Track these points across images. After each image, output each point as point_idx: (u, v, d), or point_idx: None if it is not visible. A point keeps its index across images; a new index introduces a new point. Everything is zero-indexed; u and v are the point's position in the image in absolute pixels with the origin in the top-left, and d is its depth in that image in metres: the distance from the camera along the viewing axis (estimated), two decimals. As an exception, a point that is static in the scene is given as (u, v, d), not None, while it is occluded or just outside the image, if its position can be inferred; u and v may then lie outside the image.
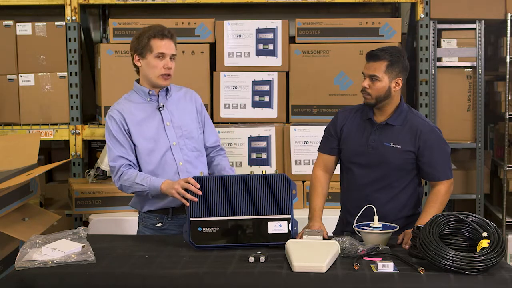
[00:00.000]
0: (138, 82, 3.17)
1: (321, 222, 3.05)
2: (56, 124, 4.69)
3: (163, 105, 3.13)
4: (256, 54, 4.55)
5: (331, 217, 3.30)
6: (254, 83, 4.55)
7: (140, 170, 3.10)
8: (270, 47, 4.54)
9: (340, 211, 3.28)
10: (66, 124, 4.69)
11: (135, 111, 3.11)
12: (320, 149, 3.25)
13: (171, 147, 3.11)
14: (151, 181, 2.99)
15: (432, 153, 3.03)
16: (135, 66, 3.14)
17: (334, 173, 3.25)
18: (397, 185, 3.07)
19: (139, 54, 3.08)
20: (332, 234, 3.07)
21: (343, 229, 3.17)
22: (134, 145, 3.10)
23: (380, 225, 2.83)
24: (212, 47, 4.59)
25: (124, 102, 3.15)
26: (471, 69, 4.80)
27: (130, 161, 3.08)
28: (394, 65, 3.00)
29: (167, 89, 3.16)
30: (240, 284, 2.40)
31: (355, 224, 2.87)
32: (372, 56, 3.03)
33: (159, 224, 3.14)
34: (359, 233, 2.82)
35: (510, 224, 4.87)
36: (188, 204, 2.79)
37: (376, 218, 2.84)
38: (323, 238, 2.79)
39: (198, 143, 3.20)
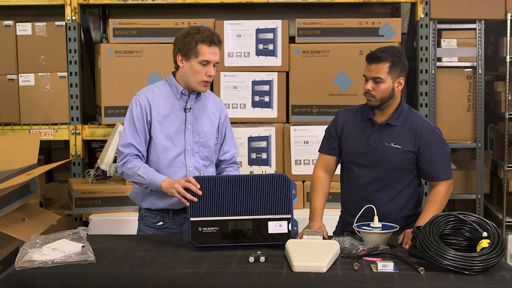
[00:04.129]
0: (174, 76, 3.10)
1: (322, 222, 3.05)
2: (56, 124, 4.68)
3: (190, 107, 3.09)
4: (256, 54, 4.55)
5: (331, 217, 3.30)
6: (254, 83, 4.55)
7: (147, 163, 3.07)
8: (270, 47, 4.54)
9: (340, 211, 3.28)
10: (66, 124, 4.69)
11: (163, 104, 3.06)
12: (320, 150, 3.25)
13: (185, 151, 3.08)
14: (153, 176, 2.97)
15: (432, 153, 3.02)
16: (176, 63, 3.05)
17: (335, 173, 3.25)
18: (397, 185, 3.07)
19: (184, 55, 3.00)
20: (332, 234, 3.07)
21: (343, 229, 3.17)
22: (151, 137, 3.06)
23: (380, 225, 2.83)
24: (212, 47, 4.59)
25: (155, 91, 3.09)
26: (471, 69, 4.80)
27: (140, 152, 3.05)
28: (396, 65, 3.00)
29: (198, 92, 3.11)
30: (240, 284, 2.40)
31: (355, 224, 2.87)
32: (373, 58, 3.01)
33: (160, 223, 3.13)
34: (359, 233, 2.82)
35: (510, 224, 4.87)
36: (188, 204, 2.79)
37: (376, 218, 2.84)
38: (323, 238, 2.79)
39: (211, 153, 3.15)
